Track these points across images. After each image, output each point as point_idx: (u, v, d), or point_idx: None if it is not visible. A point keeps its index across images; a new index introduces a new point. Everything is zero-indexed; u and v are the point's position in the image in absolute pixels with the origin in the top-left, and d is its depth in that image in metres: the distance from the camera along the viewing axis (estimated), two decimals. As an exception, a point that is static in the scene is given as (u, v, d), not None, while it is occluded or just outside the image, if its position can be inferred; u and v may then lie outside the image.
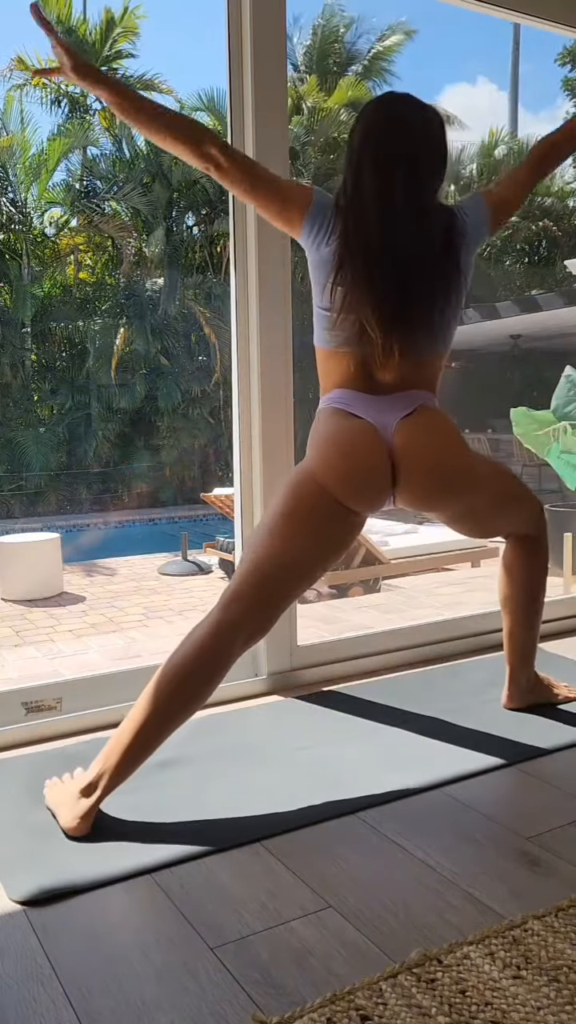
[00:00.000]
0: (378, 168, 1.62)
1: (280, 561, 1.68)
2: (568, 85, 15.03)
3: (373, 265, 1.61)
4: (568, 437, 3.75)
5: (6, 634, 5.02)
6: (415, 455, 1.68)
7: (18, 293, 12.08)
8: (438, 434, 1.73)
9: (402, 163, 1.62)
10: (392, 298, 1.61)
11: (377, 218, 1.61)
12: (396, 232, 1.61)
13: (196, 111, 13.33)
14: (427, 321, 1.67)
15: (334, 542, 1.73)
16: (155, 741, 1.62)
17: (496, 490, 1.89)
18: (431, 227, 1.65)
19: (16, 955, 1.28)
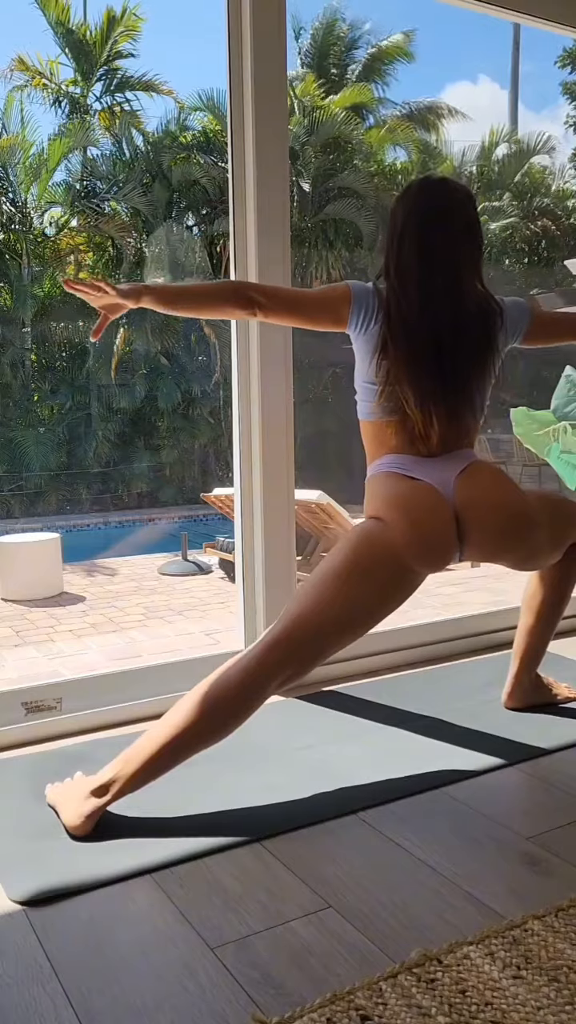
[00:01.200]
0: (421, 252, 1.72)
1: (330, 617, 1.66)
2: (568, 89, 15.01)
3: (414, 343, 1.72)
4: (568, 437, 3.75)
5: (6, 634, 5.02)
6: (479, 508, 1.73)
7: (18, 293, 12.08)
8: (496, 484, 1.78)
9: (445, 250, 1.73)
10: (430, 375, 1.72)
11: (418, 300, 1.72)
12: (436, 314, 1.72)
13: (196, 111, 13.34)
14: (463, 393, 1.78)
15: (390, 601, 1.74)
16: (175, 761, 1.62)
17: (553, 519, 1.89)
18: (471, 309, 1.76)
19: (16, 955, 1.28)
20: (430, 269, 1.72)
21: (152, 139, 13.22)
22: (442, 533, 1.72)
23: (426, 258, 1.72)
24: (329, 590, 1.67)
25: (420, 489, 1.73)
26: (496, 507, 1.75)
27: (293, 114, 13.37)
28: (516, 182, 14.51)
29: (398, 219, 1.76)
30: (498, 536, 1.77)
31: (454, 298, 1.74)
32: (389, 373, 1.73)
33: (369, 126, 14.29)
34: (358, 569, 1.69)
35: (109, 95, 13.11)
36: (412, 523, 1.69)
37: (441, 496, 1.72)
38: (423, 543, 1.70)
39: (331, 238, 13.33)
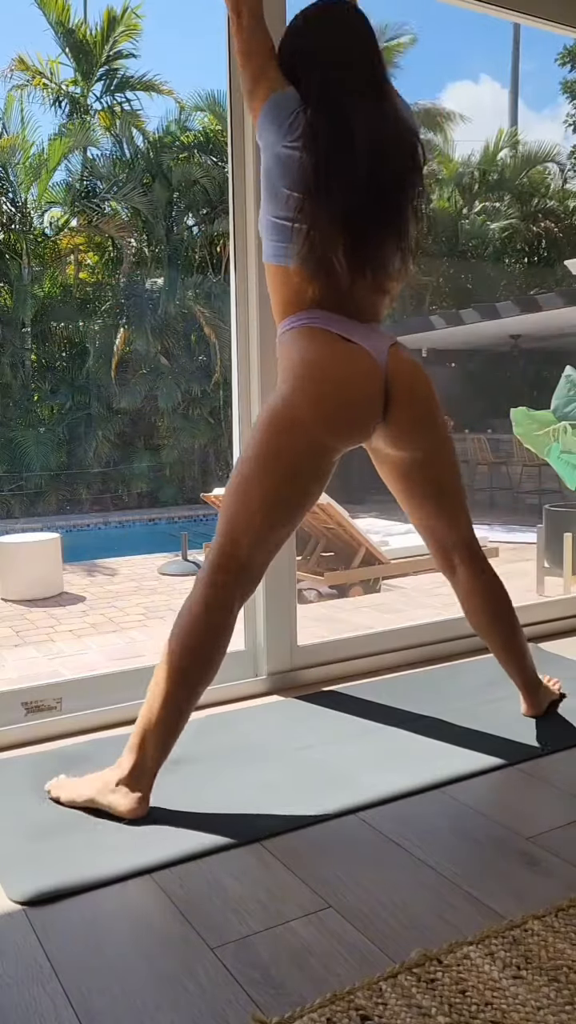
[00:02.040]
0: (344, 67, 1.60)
1: (261, 520, 1.62)
2: (568, 87, 15.02)
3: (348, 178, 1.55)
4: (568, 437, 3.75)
5: (6, 634, 5.02)
6: (410, 384, 1.69)
7: (18, 293, 12.08)
8: (421, 370, 1.75)
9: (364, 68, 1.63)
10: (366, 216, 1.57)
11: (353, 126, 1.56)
12: (373, 142, 1.57)
13: (196, 111, 13.34)
14: (398, 234, 1.63)
15: (310, 488, 1.66)
16: (183, 711, 1.63)
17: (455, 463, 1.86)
18: (406, 135, 1.64)
19: (16, 955, 1.28)
20: (356, 91, 1.59)
21: (152, 139, 13.22)
22: (371, 403, 1.64)
23: (348, 78, 1.60)
24: (252, 489, 1.61)
25: (355, 355, 1.62)
26: (422, 386, 1.72)
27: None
28: (517, 184, 14.51)
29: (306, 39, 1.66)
30: (416, 416, 1.72)
31: (388, 123, 1.61)
32: (314, 210, 1.55)
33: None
34: (276, 464, 1.60)
35: (109, 95, 13.11)
36: (339, 396, 1.60)
37: (377, 365, 1.63)
38: (346, 420, 1.62)
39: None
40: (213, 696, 2.25)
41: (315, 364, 1.62)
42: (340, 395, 1.61)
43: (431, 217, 14.13)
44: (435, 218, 14.17)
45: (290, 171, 1.59)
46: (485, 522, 9.48)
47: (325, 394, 1.61)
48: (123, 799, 1.63)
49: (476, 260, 14.32)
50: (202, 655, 1.62)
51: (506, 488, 11.01)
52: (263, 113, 1.63)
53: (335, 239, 1.57)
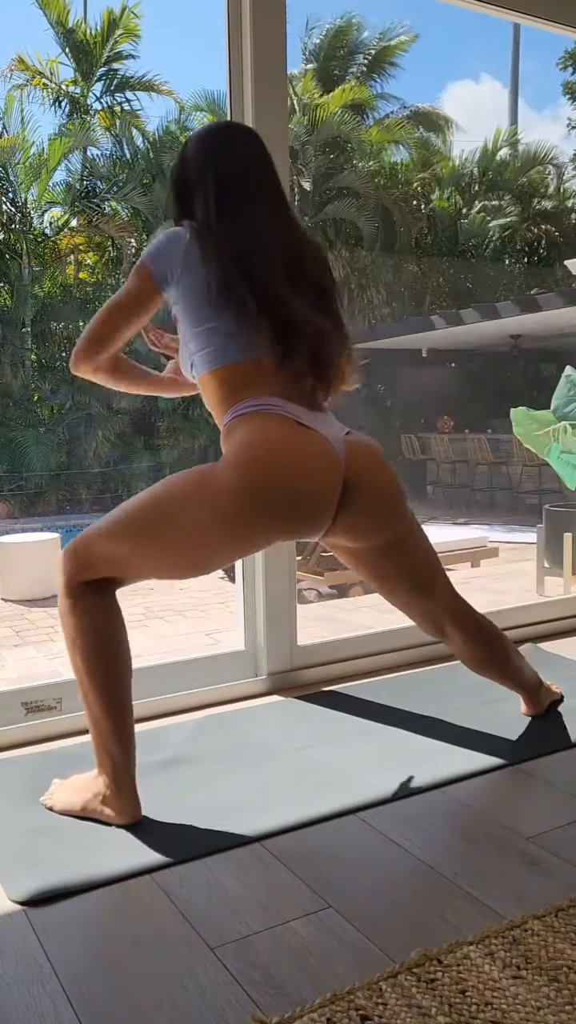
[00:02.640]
0: (247, 188, 1.58)
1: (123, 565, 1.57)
2: (569, 89, 15.02)
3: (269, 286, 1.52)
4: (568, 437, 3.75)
5: (6, 634, 5.02)
6: (370, 478, 1.57)
7: (18, 293, 12.07)
8: (381, 457, 1.64)
9: (258, 182, 1.61)
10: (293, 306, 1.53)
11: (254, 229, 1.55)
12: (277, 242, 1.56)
13: (196, 111, 13.33)
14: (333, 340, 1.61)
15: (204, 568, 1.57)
16: (119, 703, 1.60)
17: (423, 535, 1.77)
18: (308, 250, 1.63)
19: (16, 955, 1.28)
20: (252, 201, 1.57)
21: (152, 139, 13.22)
22: (324, 506, 1.52)
23: (250, 195, 1.57)
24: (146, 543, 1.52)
25: (312, 441, 1.49)
26: (383, 478, 1.60)
27: (294, 113, 13.36)
28: (518, 185, 14.51)
29: (200, 162, 1.61)
30: (380, 516, 1.62)
31: (287, 226, 1.61)
32: (237, 326, 1.50)
33: (368, 125, 14.29)
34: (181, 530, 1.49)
35: (109, 95, 13.11)
36: (291, 490, 1.48)
37: (335, 453, 1.51)
38: (293, 516, 1.51)
39: (331, 238, 13.33)
40: (213, 696, 2.25)
41: (264, 446, 1.48)
42: (288, 488, 1.49)
43: (431, 217, 14.16)
44: (435, 218, 14.18)
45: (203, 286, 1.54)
46: (485, 522, 9.49)
47: (269, 485, 1.47)
48: (112, 808, 1.62)
49: (476, 260, 14.32)
50: (97, 651, 1.59)
51: (506, 488, 11.01)
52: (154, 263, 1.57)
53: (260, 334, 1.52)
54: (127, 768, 1.62)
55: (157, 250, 1.57)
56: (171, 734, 2.04)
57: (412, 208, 14.00)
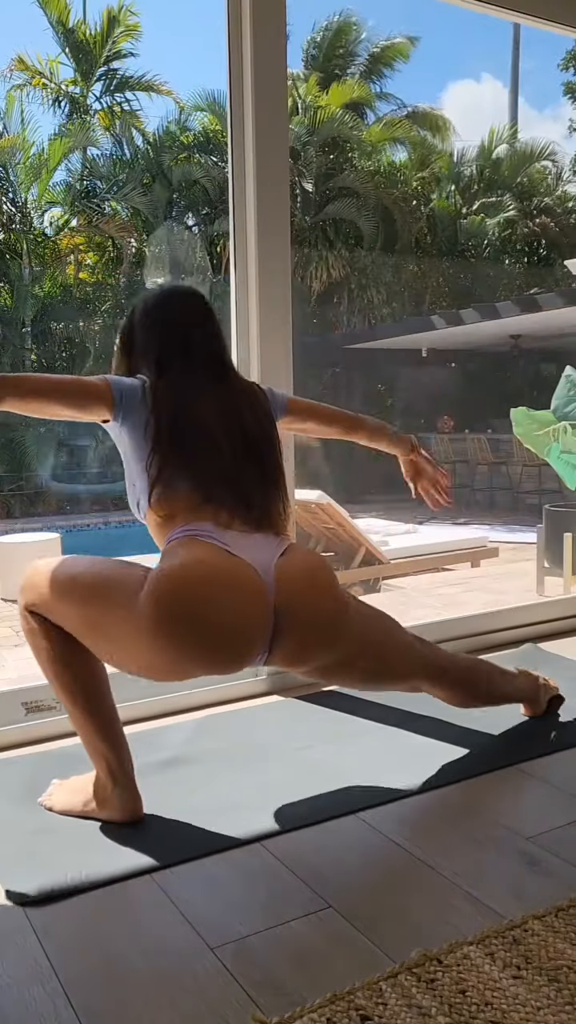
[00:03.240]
0: (187, 351, 1.69)
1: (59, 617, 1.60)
2: (570, 89, 15.02)
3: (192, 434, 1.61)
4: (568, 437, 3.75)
5: (6, 634, 5.01)
6: (302, 601, 1.52)
7: (18, 293, 12.07)
8: (317, 576, 1.58)
9: (202, 343, 1.72)
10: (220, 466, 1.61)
11: (188, 390, 1.65)
12: (208, 402, 1.65)
13: (197, 111, 13.34)
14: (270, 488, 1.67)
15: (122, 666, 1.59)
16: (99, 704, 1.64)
17: (371, 627, 1.71)
18: (239, 392, 1.73)
19: (16, 955, 1.28)
20: (198, 364, 1.70)
21: (152, 139, 13.22)
22: (250, 636, 1.49)
23: (190, 353, 1.70)
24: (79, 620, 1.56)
25: (238, 571, 1.47)
26: (320, 601, 1.56)
27: (295, 113, 13.36)
28: (517, 183, 14.52)
29: (146, 322, 1.73)
30: (316, 634, 1.56)
31: (228, 386, 1.72)
32: (180, 470, 1.59)
33: (369, 125, 14.29)
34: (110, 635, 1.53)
35: (109, 95, 13.11)
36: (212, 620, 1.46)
37: (261, 583, 1.48)
38: (217, 648, 1.48)
39: (331, 238, 13.33)
40: (213, 696, 2.25)
41: (183, 580, 1.46)
42: (202, 624, 1.46)
43: (431, 217, 14.16)
44: (435, 217, 14.18)
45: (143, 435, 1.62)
46: (485, 522, 9.49)
47: (181, 619, 1.45)
48: (112, 807, 1.63)
49: (476, 260, 14.32)
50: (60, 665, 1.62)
51: (506, 488, 11.02)
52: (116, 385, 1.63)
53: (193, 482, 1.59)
54: (121, 766, 1.63)
55: (122, 381, 1.66)
56: (171, 734, 2.04)
57: (412, 208, 14.00)
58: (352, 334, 13.24)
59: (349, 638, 1.62)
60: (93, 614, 1.54)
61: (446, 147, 14.72)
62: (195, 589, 1.46)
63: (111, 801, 1.63)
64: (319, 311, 13.06)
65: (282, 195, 2.29)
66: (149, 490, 1.60)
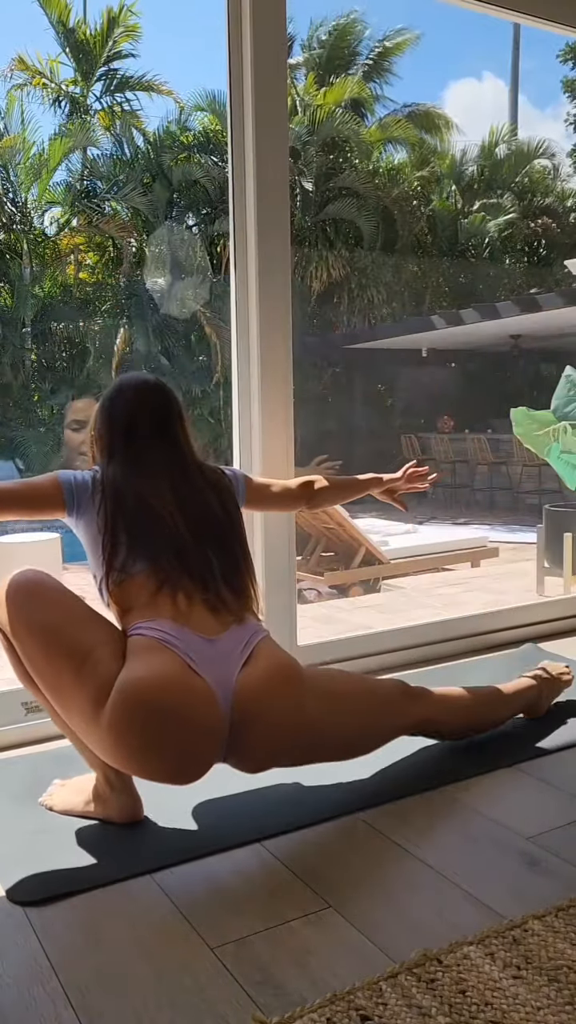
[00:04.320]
0: (135, 439, 1.70)
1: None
2: (569, 85, 15.02)
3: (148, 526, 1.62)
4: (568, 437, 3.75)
5: (6, 634, 5.01)
6: (255, 722, 1.52)
7: (18, 293, 12.07)
8: (275, 685, 1.56)
9: (156, 431, 1.72)
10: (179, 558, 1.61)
11: (144, 482, 1.66)
12: (166, 492, 1.66)
13: (197, 111, 13.34)
14: (233, 567, 1.68)
15: None
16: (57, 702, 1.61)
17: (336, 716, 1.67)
18: (200, 480, 1.73)
19: (16, 955, 1.28)
20: (155, 448, 1.71)
21: (152, 139, 13.22)
22: (202, 758, 1.52)
23: (145, 439, 1.71)
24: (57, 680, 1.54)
25: (197, 694, 1.47)
26: (272, 719, 1.54)
27: (296, 113, 13.36)
28: (516, 182, 14.52)
29: (109, 416, 1.74)
30: (270, 757, 1.60)
31: (182, 473, 1.71)
32: (135, 554, 1.60)
33: (369, 125, 14.29)
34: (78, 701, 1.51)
35: (109, 95, 13.11)
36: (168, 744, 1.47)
37: (216, 706, 1.49)
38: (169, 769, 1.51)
39: (331, 238, 13.33)
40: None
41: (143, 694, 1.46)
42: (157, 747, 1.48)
43: (431, 217, 14.15)
44: (435, 217, 14.18)
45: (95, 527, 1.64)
46: (485, 522, 9.48)
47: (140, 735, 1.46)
48: (114, 806, 1.63)
49: (476, 260, 14.32)
50: None
51: (506, 488, 11.02)
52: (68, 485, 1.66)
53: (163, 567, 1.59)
54: (118, 772, 1.62)
55: (73, 478, 1.67)
56: (171, 734, 2.04)
57: (412, 208, 14.00)
58: (352, 334, 13.25)
59: (307, 740, 1.61)
60: (60, 683, 1.53)
61: (446, 146, 14.72)
62: (156, 715, 1.45)
63: (111, 801, 1.63)
64: (319, 311, 13.07)
65: (282, 195, 2.29)
66: (106, 579, 1.61)
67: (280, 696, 1.56)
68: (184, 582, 1.59)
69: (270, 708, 1.54)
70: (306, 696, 1.59)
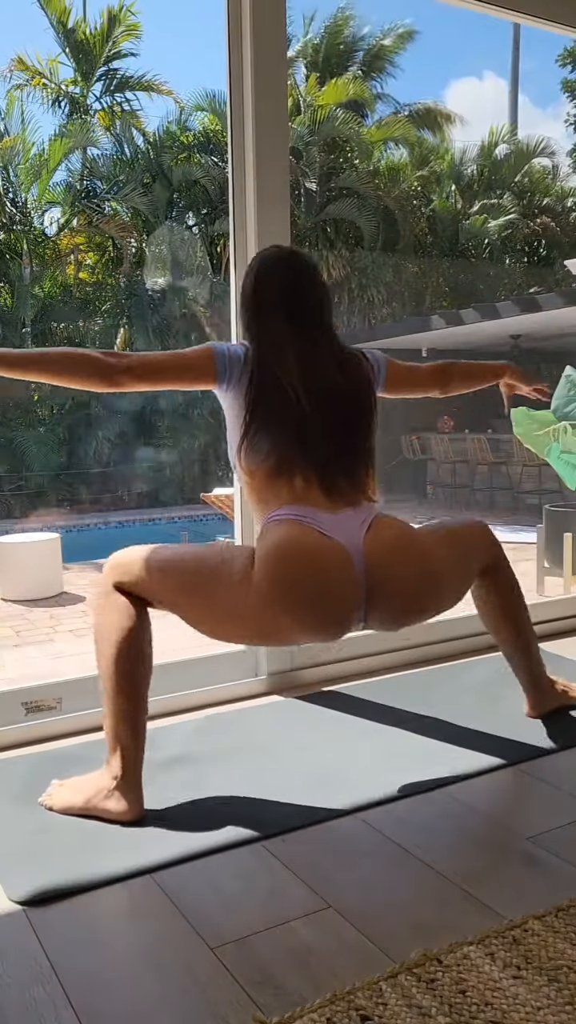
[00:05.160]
0: (286, 317, 1.73)
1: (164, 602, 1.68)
2: (569, 87, 15.02)
3: (290, 404, 1.68)
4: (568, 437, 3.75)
5: (6, 634, 5.02)
6: (393, 575, 1.63)
7: (18, 293, 12.07)
8: (404, 544, 1.68)
9: (311, 314, 1.75)
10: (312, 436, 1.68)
11: (289, 360, 1.70)
12: (309, 371, 1.70)
13: (197, 111, 13.33)
14: (348, 448, 1.73)
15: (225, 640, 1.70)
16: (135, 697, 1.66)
17: (454, 557, 1.82)
18: (341, 363, 1.77)
19: (16, 955, 1.28)
20: (299, 331, 1.73)
21: (152, 139, 13.22)
22: (345, 609, 1.61)
23: (293, 320, 1.73)
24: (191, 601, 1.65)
25: (331, 551, 1.59)
26: (410, 572, 1.66)
27: (298, 113, 13.36)
28: (516, 182, 14.52)
29: (256, 283, 1.77)
30: (411, 603, 1.68)
31: (329, 355, 1.75)
32: (265, 433, 1.68)
33: (369, 125, 14.29)
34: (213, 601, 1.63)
35: (109, 95, 13.12)
36: (311, 600, 1.58)
37: (351, 562, 1.59)
38: (316, 622, 1.60)
39: (331, 237, 13.33)
40: (213, 696, 2.25)
41: (290, 553, 1.59)
42: (308, 592, 1.58)
43: (431, 217, 14.15)
44: (436, 217, 14.18)
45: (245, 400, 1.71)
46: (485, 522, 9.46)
47: (293, 585, 1.58)
48: (116, 803, 1.63)
49: (476, 260, 14.31)
50: (121, 643, 1.65)
51: (506, 488, 11.01)
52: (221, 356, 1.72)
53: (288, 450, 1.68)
54: (134, 759, 1.64)
55: (228, 349, 1.73)
56: (171, 734, 2.04)
57: (413, 207, 14.00)
58: (352, 334, 13.24)
59: (445, 595, 1.75)
60: (201, 591, 1.64)
61: (448, 143, 14.73)
62: (303, 566, 1.58)
63: (111, 801, 1.63)
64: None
65: (282, 195, 2.29)
66: (239, 451, 1.71)
67: (408, 547, 1.69)
68: (304, 466, 1.67)
69: (404, 558, 1.66)
70: (427, 543, 1.73)
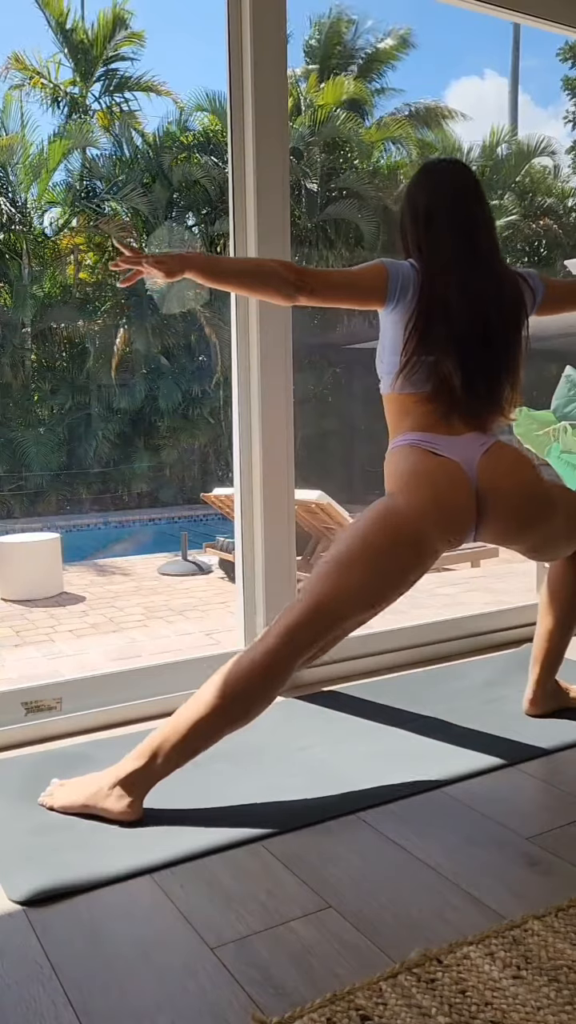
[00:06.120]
0: (454, 230, 1.77)
1: (351, 598, 1.68)
2: (569, 84, 15.02)
3: (459, 321, 1.74)
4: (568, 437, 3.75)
5: (6, 634, 5.02)
6: (500, 489, 1.75)
7: (18, 293, 12.08)
8: (518, 467, 1.80)
9: (474, 226, 1.79)
10: (478, 353, 1.75)
11: (458, 277, 1.75)
12: (478, 291, 1.75)
13: (198, 111, 13.33)
14: (507, 368, 1.81)
15: (408, 578, 1.74)
16: (204, 745, 1.64)
17: (571, 508, 1.90)
18: (505, 283, 1.81)
19: (16, 955, 1.28)
20: (465, 247, 1.76)
21: (152, 139, 13.22)
22: (462, 511, 1.74)
23: (459, 235, 1.77)
24: (352, 572, 1.67)
25: (445, 466, 1.73)
26: (517, 490, 1.77)
27: (299, 113, 13.36)
28: (517, 181, 14.52)
29: (423, 198, 1.80)
30: (516, 518, 1.80)
31: (491, 274, 1.78)
32: (425, 348, 1.74)
33: (369, 125, 14.29)
34: (378, 549, 1.69)
35: (108, 95, 13.12)
36: (434, 499, 1.71)
37: (464, 474, 1.73)
38: (444, 519, 1.72)
39: (331, 238, 13.33)
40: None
41: (412, 474, 1.75)
42: (436, 499, 1.73)
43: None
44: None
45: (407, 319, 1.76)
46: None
47: (424, 497, 1.72)
48: (117, 803, 1.63)
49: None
50: (249, 699, 1.63)
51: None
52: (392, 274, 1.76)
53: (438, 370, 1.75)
54: (154, 780, 1.63)
55: (399, 270, 1.76)
56: (171, 734, 2.04)
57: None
58: (352, 334, 13.25)
59: (551, 524, 1.84)
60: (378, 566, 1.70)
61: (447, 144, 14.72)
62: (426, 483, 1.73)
63: (111, 800, 1.63)
64: (319, 311, 13.07)
65: (282, 195, 2.29)
66: (398, 374, 1.77)
67: (521, 468, 1.80)
68: (453, 387, 1.74)
69: (516, 477, 1.78)
70: (539, 474, 1.82)
